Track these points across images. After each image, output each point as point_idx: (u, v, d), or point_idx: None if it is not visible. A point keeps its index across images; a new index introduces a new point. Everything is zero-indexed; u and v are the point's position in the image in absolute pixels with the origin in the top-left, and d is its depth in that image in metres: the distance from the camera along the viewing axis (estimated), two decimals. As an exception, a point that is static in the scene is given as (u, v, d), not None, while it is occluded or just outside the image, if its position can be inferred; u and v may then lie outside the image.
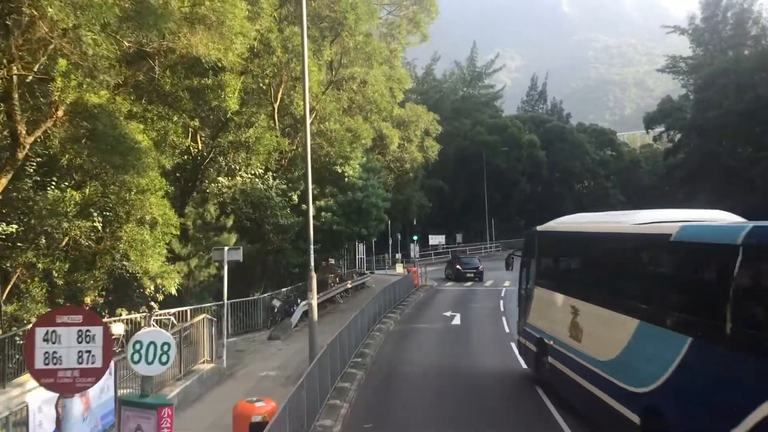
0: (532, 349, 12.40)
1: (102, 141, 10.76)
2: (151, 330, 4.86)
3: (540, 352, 11.80)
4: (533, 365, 12.50)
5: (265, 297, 19.85)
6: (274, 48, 16.89)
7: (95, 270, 15.32)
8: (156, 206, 14.62)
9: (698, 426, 6.41)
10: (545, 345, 11.50)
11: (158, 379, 11.36)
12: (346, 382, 12.71)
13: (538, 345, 11.97)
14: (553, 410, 10.57)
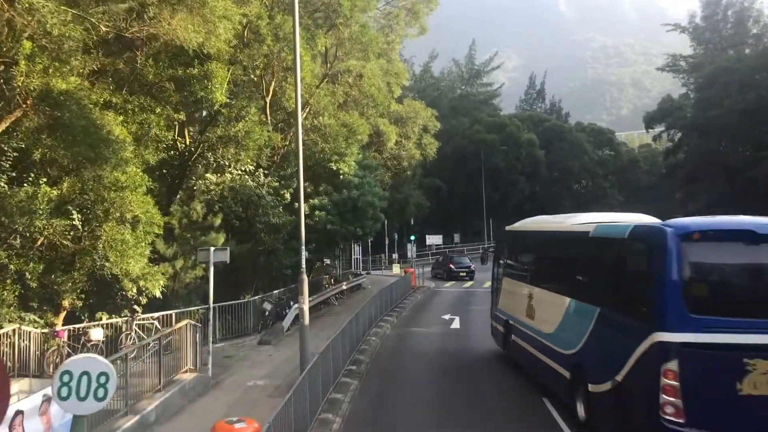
0: (501, 330, 14.64)
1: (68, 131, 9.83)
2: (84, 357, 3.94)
3: (506, 332, 14.06)
4: (502, 344, 14.71)
5: (255, 299, 18.94)
6: (263, 36, 15.97)
7: (74, 271, 14.39)
8: (137, 204, 13.70)
9: (603, 373, 8.52)
10: (510, 326, 13.77)
11: (135, 390, 10.50)
12: (339, 392, 11.83)
13: (505, 326, 14.21)
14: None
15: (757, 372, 7.01)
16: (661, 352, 7.26)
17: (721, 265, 7.76)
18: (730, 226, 8.07)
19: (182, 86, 15.29)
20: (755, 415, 7.04)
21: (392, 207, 34.81)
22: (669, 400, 7.15)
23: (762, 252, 7.48)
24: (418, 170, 41.27)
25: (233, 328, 17.83)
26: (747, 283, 7.82)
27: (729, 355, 7.11)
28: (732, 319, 7.22)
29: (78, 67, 9.96)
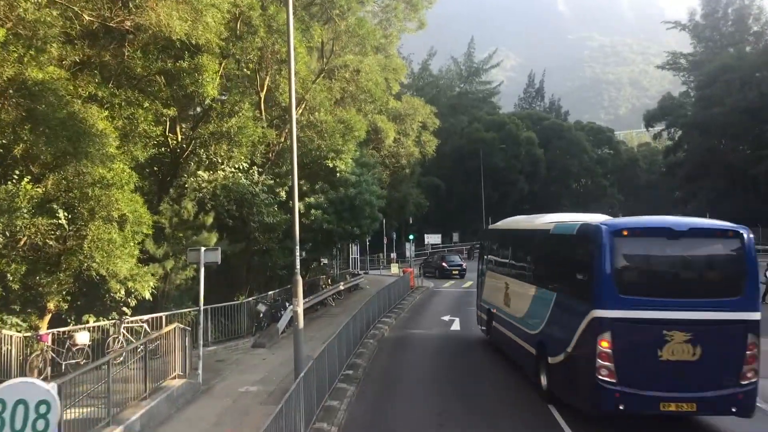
0: (484, 318, 16.60)
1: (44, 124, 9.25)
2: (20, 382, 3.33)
3: (489, 319, 15.93)
4: (486, 330, 16.47)
5: (249, 301, 18.36)
6: (256, 28, 15.38)
7: (60, 272, 13.81)
8: (124, 202, 13.12)
9: (558, 347, 10.25)
10: (492, 314, 15.57)
11: (119, 398, 9.94)
12: (335, 399, 11.27)
13: (488, 314, 16.10)
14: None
15: (674, 341, 8.79)
16: (598, 326, 9.06)
17: (646, 256, 9.47)
18: (652, 225, 9.93)
19: (173, 80, 14.72)
20: (672, 376, 8.78)
21: (390, 206, 34.28)
22: (604, 365, 8.91)
23: (678, 245, 9.25)
24: (416, 168, 40.67)
25: (226, 330, 17.25)
26: (666, 269, 9.53)
27: (651, 327, 8.84)
28: (654, 299, 8.96)
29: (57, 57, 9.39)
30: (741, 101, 48.69)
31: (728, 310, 8.96)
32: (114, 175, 12.33)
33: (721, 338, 8.90)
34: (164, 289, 16.55)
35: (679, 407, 8.89)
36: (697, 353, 8.75)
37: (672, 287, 9.23)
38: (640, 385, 8.85)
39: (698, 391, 8.87)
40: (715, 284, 9.33)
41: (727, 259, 9.36)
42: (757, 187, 52.16)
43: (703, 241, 9.49)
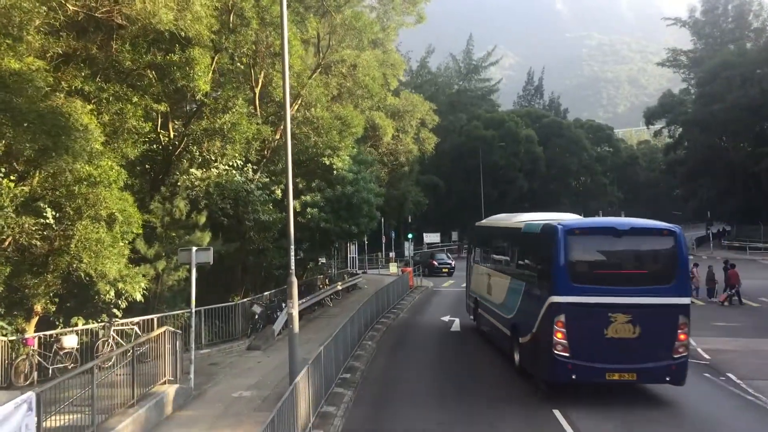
0: (471, 305, 18.60)
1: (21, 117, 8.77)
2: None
3: (475, 307, 17.93)
4: (473, 316, 18.49)
5: (245, 302, 17.88)
6: (249, 19, 14.90)
7: (47, 273, 13.33)
8: (113, 200, 12.65)
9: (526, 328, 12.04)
10: (478, 302, 17.56)
11: (104, 404, 9.48)
12: (331, 405, 10.82)
13: (474, 302, 18.08)
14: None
15: (617, 322, 10.53)
16: (554, 309, 10.74)
17: (594, 251, 11.28)
18: (600, 225, 12.54)
19: (164, 75, 14.26)
20: (616, 351, 10.54)
21: (389, 204, 33.83)
22: (559, 341, 10.61)
23: (621, 242, 11.04)
24: (415, 166, 40.17)
25: (221, 332, 16.78)
26: (611, 262, 11.20)
27: (598, 310, 10.54)
28: (601, 287, 10.68)
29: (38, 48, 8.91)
30: (742, 98, 48.28)
31: (662, 295, 10.71)
32: (101, 173, 11.86)
33: (657, 319, 10.68)
34: (156, 290, 16.07)
35: (621, 376, 10.74)
36: (636, 332, 10.56)
37: (615, 277, 10.95)
38: (589, 358, 10.64)
39: (638, 363, 10.66)
40: (651, 274, 11.08)
41: (662, 254, 11.16)
42: (758, 185, 51.78)
43: (642, 239, 11.33)
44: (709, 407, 10.91)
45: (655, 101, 69.20)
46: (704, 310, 22.18)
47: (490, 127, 59.48)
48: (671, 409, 10.72)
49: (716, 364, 13.98)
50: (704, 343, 16.26)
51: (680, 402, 11.12)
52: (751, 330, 18.01)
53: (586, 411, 10.39)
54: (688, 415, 10.50)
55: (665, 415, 10.41)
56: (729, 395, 11.63)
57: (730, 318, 20.30)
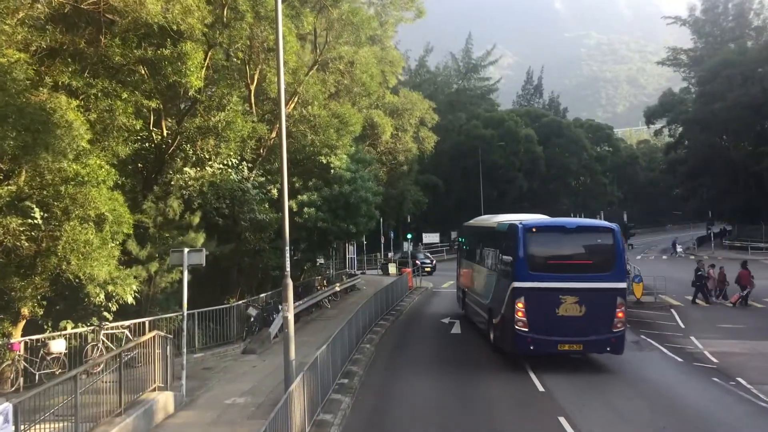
0: (460, 296, 21.20)
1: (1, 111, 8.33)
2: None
3: (463, 297, 20.50)
4: (461, 306, 21.13)
5: (240, 304, 17.44)
6: (243, 13, 14.46)
7: (35, 276, 12.88)
8: (102, 200, 12.20)
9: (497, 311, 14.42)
10: (465, 293, 20.07)
11: (90, 412, 9.06)
12: (328, 413, 10.41)
13: (462, 293, 20.68)
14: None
15: (566, 303, 12.78)
16: (516, 293, 13.04)
17: (548, 245, 13.49)
18: (552, 224, 14.50)
19: (156, 71, 13.80)
20: (566, 326, 12.82)
21: (388, 204, 33.41)
22: (520, 319, 12.88)
23: (569, 238, 13.67)
24: (414, 166, 39.72)
25: (215, 335, 16.34)
26: (561, 254, 13.45)
27: (551, 293, 12.78)
28: (553, 274, 12.98)
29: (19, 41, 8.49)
30: (743, 97, 47.92)
31: (603, 281, 13.02)
32: (89, 172, 11.42)
33: (599, 300, 12.92)
34: (149, 292, 15.63)
35: (570, 347, 13.08)
36: (582, 311, 12.82)
37: (565, 266, 13.26)
38: (544, 333, 12.89)
39: (584, 336, 12.93)
40: (594, 264, 13.27)
41: (603, 247, 13.37)
42: (759, 184, 51.45)
43: (587, 235, 13.92)
44: (721, 413, 10.52)
45: (654, 101, 68.85)
46: (708, 311, 21.81)
47: (490, 127, 59.06)
48: (679, 414, 10.33)
49: (724, 368, 13.59)
50: (710, 345, 15.89)
51: (691, 407, 10.74)
52: (757, 332, 17.62)
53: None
54: (699, 421, 10.10)
55: (673, 420, 10.01)
56: (740, 400, 11.24)
57: (735, 320, 19.92)
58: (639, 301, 23.06)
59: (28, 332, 13.12)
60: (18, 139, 8.94)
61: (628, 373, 13.20)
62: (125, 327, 14.01)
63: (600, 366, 13.88)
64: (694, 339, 16.74)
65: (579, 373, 13.25)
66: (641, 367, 13.82)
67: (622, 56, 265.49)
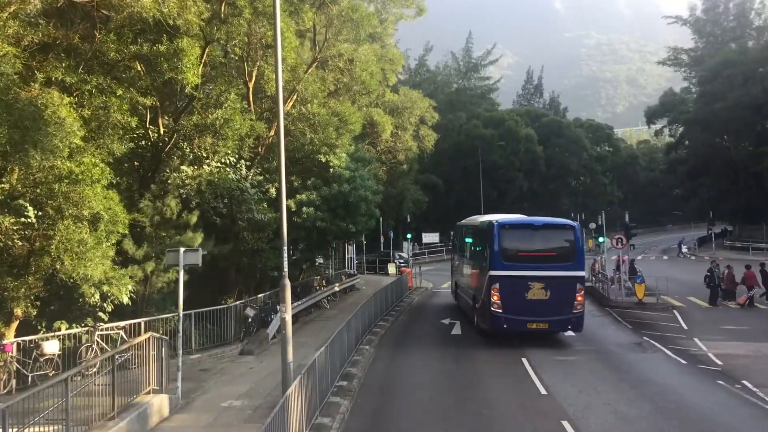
0: (453, 287, 23.87)
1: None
2: None
3: (456, 288, 23.11)
4: (454, 297, 23.56)
5: (237, 305, 17.21)
6: (240, 8, 14.23)
7: (28, 276, 12.64)
8: (97, 199, 11.97)
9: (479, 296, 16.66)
10: (457, 284, 22.75)
11: (83, 415, 8.84)
12: (326, 416, 10.19)
13: (455, 285, 23.24)
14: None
15: (534, 288, 14.95)
16: (492, 280, 15.23)
17: (518, 240, 15.68)
18: (522, 222, 16.94)
19: (151, 67, 13.58)
20: (534, 308, 15.02)
21: (387, 203, 33.18)
22: (495, 302, 15.09)
23: (537, 234, 15.99)
24: (414, 165, 39.49)
25: (213, 336, 16.11)
26: (530, 247, 15.64)
27: (521, 280, 14.96)
28: (523, 264, 15.19)
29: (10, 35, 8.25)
30: (744, 97, 47.73)
31: (565, 270, 15.28)
32: (83, 170, 11.18)
33: (561, 286, 15.12)
34: (145, 292, 15.40)
35: (537, 326, 15.28)
36: (547, 295, 15.04)
37: (533, 257, 15.53)
38: (515, 314, 15.11)
39: (548, 316, 15.15)
40: (557, 256, 15.55)
41: (565, 242, 15.67)
42: (760, 184, 51.28)
43: (552, 231, 16.18)
44: (727, 417, 10.31)
45: (654, 101, 68.64)
46: (711, 312, 21.61)
47: (490, 126, 58.83)
48: (684, 417, 10.11)
49: (729, 371, 13.39)
50: (714, 347, 15.69)
51: (696, 411, 10.53)
52: (762, 333, 17.42)
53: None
54: (704, 424, 9.88)
55: (678, 423, 9.80)
56: (745, 404, 11.03)
57: (738, 321, 19.71)
58: (641, 302, 22.84)
59: (22, 333, 12.89)
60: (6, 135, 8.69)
61: (632, 376, 12.99)
62: (120, 328, 13.77)
63: (603, 368, 13.69)
64: (697, 341, 16.54)
65: (581, 375, 13.05)
66: (644, 369, 13.62)
67: (622, 56, 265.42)
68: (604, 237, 30.00)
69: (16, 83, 8.95)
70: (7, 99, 8.41)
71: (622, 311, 21.68)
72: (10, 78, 8.76)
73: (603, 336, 17.60)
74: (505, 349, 15.73)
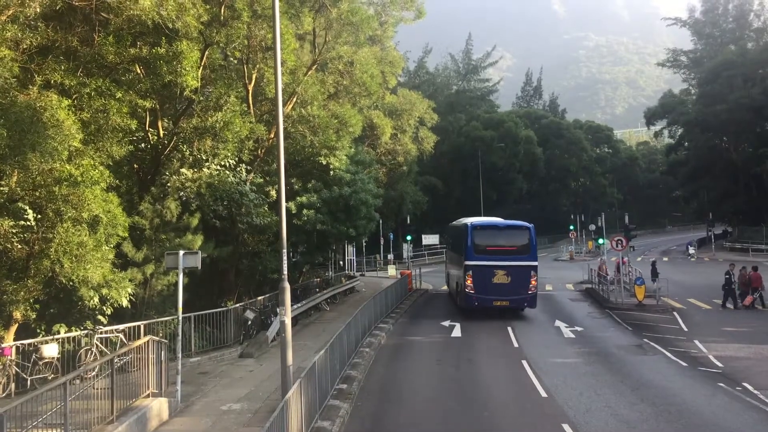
0: (446, 278, 28.22)
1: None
2: None
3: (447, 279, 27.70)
4: (446, 283, 27.75)
5: (237, 307, 17.18)
6: (239, 11, 14.21)
7: (28, 279, 12.61)
8: (96, 202, 11.95)
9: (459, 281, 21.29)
10: (448, 274, 27.08)
11: (82, 419, 8.81)
12: (326, 419, 10.15)
13: (447, 276, 27.85)
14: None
15: (498, 274, 19.58)
16: (467, 268, 19.74)
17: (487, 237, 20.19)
18: (489, 223, 21.99)
19: (151, 70, 13.56)
20: (498, 289, 19.61)
21: (387, 205, 33.18)
22: (469, 285, 19.64)
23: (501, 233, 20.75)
24: (414, 167, 39.50)
25: (212, 339, 16.07)
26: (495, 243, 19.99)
27: (489, 268, 19.50)
28: (490, 256, 19.68)
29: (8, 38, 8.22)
30: (743, 98, 47.77)
31: (522, 261, 19.66)
32: (82, 173, 11.16)
33: (519, 273, 19.43)
34: (144, 295, 15.38)
35: (501, 303, 19.71)
36: (509, 279, 19.38)
37: (498, 251, 19.82)
38: (484, 294, 19.49)
39: (509, 296, 19.59)
40: (516, 250, 19.96)
41: (522, 239, 20.13)
42: (760, 186, 51.28)
43: (512, 231, 20.64)
44: (729, 421, 10.26)
45: (654, 102, 68.66)
46: (711, 314, 21.57)
47: (489, 128, 58.85)
48: (686, 421, 10.08)
49: (730, 373, 13.35)
50: (715, 349, 15.67)
51: (697, 414, 10.49)
52: (763, 336, 17.38)
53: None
54: (705, 428, 9.85)
55: (680, 426, 9.78)
56: (747, 407, 10.99)
57: (738, 323, 19.68)
58: (641, 303, 22.81)
59: (21, 336, 12.86)
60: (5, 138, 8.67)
61: (632, 378, 12.96)
62: (120, 331, 13.73)
63: (603, 370, 13.65)
64: (697, 342, 16.50)
65: (582, 377, 13.02)
66: (645, 371, 13.59)
67: (621, 58, 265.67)
68: (603, 239, 29.95)
69: (13, 86, 8.94)
70: (5, 102, 8.38)
71: (622, 313, 21.65)
72: (8, 81, 8.74)
73: (603, 338, 17.57)
74: (506, 352, 15.70)
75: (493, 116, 62.45)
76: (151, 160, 16.56)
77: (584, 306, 24.12)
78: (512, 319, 20.36)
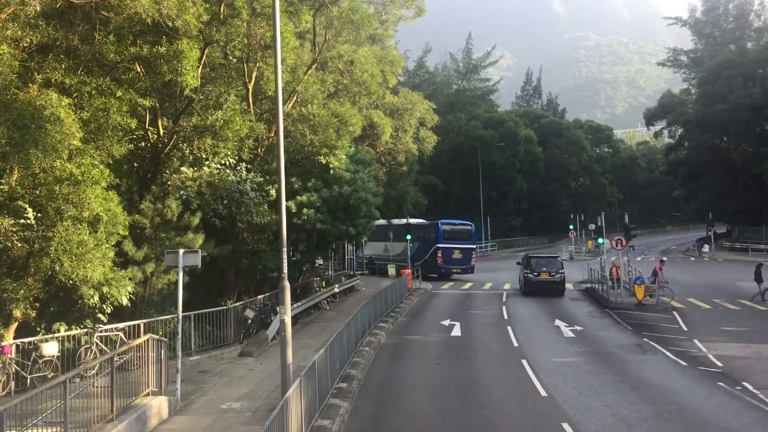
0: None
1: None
2: None
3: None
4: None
5: (237, 306, 17.18)
6: (239, 10, 14.21)
7: (28, 277, 12.61)
8: (97, 201, 11.95)
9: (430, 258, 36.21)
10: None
11: (82, 417, 8.82)
12: (325, 418, 10.16)
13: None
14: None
15: (455, 253, 34.48)
16: (436, 249, 34.36)
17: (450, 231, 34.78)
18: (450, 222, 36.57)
19: (151, 69, 13.56)
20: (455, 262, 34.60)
21: (387, 205, 33.22)
22: (439, 258, 34.11)
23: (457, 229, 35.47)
24: (414, 166, 39.57)
25: (212, 337, 16.08)
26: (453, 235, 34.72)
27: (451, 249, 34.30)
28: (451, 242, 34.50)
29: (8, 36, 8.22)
30: (744, 98, 47.78)
31: (467, 244, 34.59)
32: (83, 171, 11.16)
33: (466, 251, 34.28)
34: (144, 294, 15.37)
35: (455, 271, 34.15)
36: (461, 256, 34.01)
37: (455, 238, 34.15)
38: (448, 264, 33.78)
39: (461, 265, 34.15)
40: (463, 238, 34.61)
41: (467, 232, 35.14)
42: (760, 186, 51.30)
43: (462, 226, 35.57)
44: (729, 420, 10.28)
45: (653, 102, 68.65)
46: (711, 313, 21.59)
47: (489, 127, 58.86)
48: (686, 421, 10.10)
49: (729, 372, 13.37)
50: (714, 349, 15.68)
51: (697, 414, 10.51)
52: (762, 335, 17.40)
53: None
54: (705, 427, 9.85)
55: (680, 426, 9.78)
56: (747, 406, 11.00)
57: (737, 322, 19.71)
58: (640, 303, 22.82)
59: (21, 335, 12.86)
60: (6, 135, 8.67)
61: (632, 377, 12.98)
62: (120, 329, 13.74)
63: (603, 370, 13.67)
64: (697, 342, 16.52)
65: (582, 376, 13.03)
66: (645, 370, 13.60)
67: (621, 57, 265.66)
68: (603, 238, 29.96)
69: (13, 83, 8.93)
70: (5, 99, 8.37)
71: (622, 312, 21.66)
72: (9, 78, 8.74)
73: (603, 337, 17.58)
74: (506, 351, 15.72)
75: (493, 116, 62.44)
76: (152, 158, 16.56)
77: (584, 305, 24.13)
78: (512, 319, 20.36)
